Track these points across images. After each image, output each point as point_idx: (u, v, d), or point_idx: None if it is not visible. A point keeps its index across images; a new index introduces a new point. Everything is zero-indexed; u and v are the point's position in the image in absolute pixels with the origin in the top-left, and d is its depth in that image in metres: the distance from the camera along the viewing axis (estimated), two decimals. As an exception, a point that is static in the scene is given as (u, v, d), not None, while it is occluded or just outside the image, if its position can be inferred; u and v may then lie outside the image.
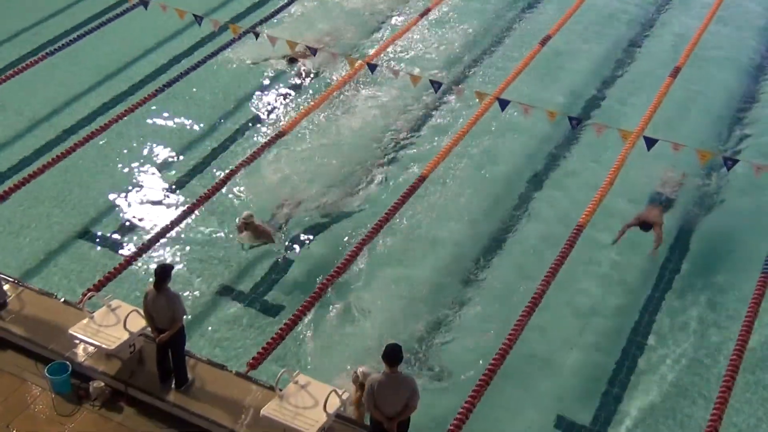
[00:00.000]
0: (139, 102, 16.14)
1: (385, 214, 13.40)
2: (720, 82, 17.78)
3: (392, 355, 9.21)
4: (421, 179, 14.14)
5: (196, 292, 12.73)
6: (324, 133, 16.18)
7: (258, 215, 13.57)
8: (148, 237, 13.24)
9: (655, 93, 16.18)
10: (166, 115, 16.59)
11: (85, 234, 13.81)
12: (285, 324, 11.47)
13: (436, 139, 15.99)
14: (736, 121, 16.71)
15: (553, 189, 15.06)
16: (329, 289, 12.20)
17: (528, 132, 16.19)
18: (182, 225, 13.53)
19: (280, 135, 15.30)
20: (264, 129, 16.30)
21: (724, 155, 14.46)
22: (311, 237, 13.86)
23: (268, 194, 14.55)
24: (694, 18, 19.59)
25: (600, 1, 20.44)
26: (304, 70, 17.85)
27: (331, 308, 12.42)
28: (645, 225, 13.74)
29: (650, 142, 13.81)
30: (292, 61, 17.93)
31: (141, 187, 14.81)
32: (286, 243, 13.67)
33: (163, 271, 10.28)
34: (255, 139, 16.00)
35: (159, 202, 14.51)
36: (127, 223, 14.06)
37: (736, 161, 13.63)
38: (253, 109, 16.92)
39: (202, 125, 16.42)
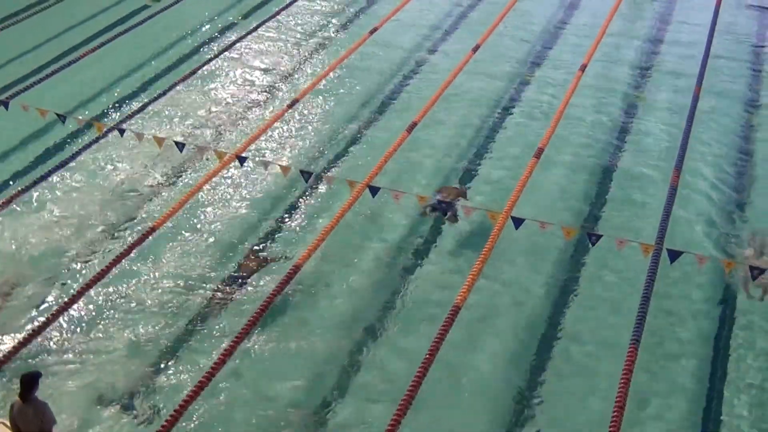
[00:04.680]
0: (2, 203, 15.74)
1: (260, 308, 13.28)
2: (580, 162, 18.49)
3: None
4: (296, 269, 14.08)
5: (67, 398, 12.20)
6: (198, 221, 16.06)
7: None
8: (11, 345, 12.62)
9: (520, 173, 16.70)
10: (25, 216, 16.08)
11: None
12: (166, 421, 11.15)
13: (309, 228, 16.03)
14: (596, 198, 17.39)
15: (424, 274, 15.20)
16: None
17: (399, 218, 16.41)
18: (51, 328, 13.06)
19: (151, 231, 15.06)
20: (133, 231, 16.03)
21: (588, 231, 15.02)
22: (197, 325, 13.63)
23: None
24: (556, 97, 20.57)
25: (463, 85, 21.07)
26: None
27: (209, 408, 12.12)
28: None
29: (518, 222, 14.28)
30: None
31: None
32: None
33: (30, 380, 9.88)
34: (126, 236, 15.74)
35: (26, 306, 13.94)
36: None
37: (599, 236, 14.20)
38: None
39: (72, 226, 16.01)
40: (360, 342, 13.62)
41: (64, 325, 13.45)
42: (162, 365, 12.98)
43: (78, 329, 13.50)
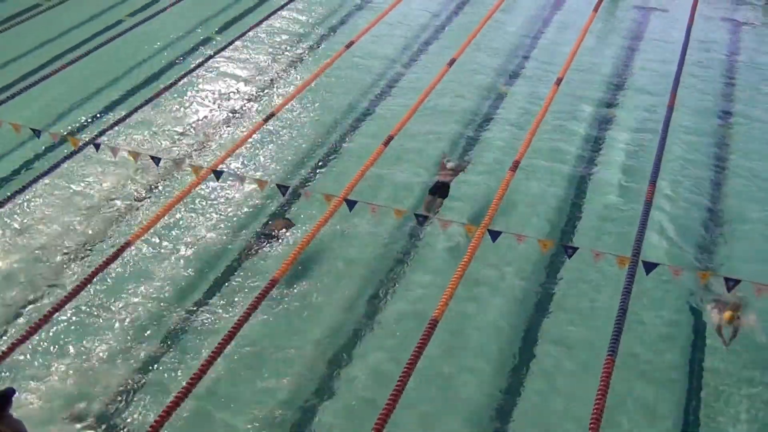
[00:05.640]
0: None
1: (236, 323, 13.20)
2: (555, 175, 18.60)
3: None
4: (273, 283, 14.03)
5: (44, 414, 12.04)
6: (173, 236, 15.97)
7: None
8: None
9: (497, 187, 16.75)
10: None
11: None
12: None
13: (285, 243, 15.98)
14: (571, 211, 17.49)
15: (403, 287, 15.21)
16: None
17: (376, 231, 16.41)
18: (25, 345, 12.87)
19: (126, 245, 14.94)
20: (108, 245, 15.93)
21: (564, 244, 15.10)
22: (172, 341, 13.51)
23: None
24: (532, 110, 20.69)
25: (439, 98, 21.13)
26: None
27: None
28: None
29: (494, 235, 14.37)
30: None
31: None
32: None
33: (3, 398, 9.76)
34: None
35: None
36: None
37: (575, 249, 14.29)
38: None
39: (47, 241, 15.87)
40: (332, 361, 13.58)
41: (39, 342, 13.32)
42: (136, 379, 12.92)
43: (53, 345, 13.39)
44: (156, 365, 13.22)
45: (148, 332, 13.84)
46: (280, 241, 15.99)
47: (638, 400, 12.91)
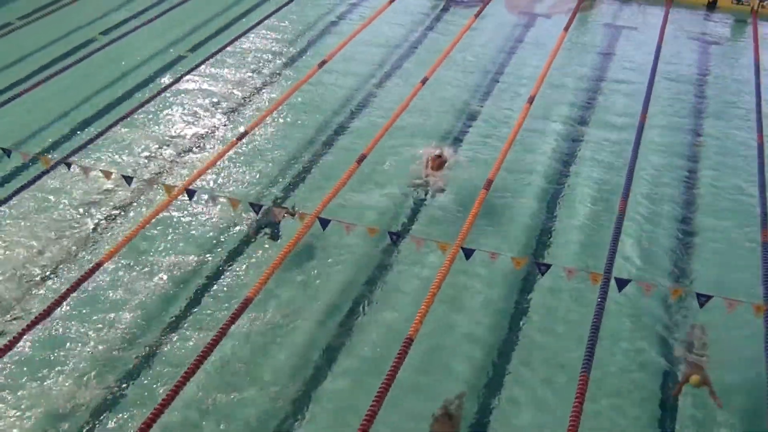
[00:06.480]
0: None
1: (215, 335, 13.12)
2: (528, 192, 18.71)
3: None
4: (246, 302, 13.97)
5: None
6: (145, 256, 15.88)
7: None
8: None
9: (471, 205, 16.79)
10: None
11: None
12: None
13: (258, 262, 15.94)
14: (544, 229, 17.55)
15: (381, 305, 15.22)
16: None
17: (350, 249, 16.40)
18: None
19: (97, 266, 14.83)
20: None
21: (536, 261, 15.16)
22: (145, 362, 13.39)
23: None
24: (504, 128, 20.80)
25: (412, 116, 21.19)
26: None
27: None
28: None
29: (468, 253, 14.39)
30: None
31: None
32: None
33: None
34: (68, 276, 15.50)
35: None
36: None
37: (548, 266, 14.35)
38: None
39: (18, 261, 15.72)
40: (303, 389, 13.48)
41: (8, 366, 13.18)
42: (107, 404, 12.82)
43: (23, 368, 13.26)
44: (130, 383, 13.14)
45: (123, 348, 13.79)
46: (254, 261, 15.94)
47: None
